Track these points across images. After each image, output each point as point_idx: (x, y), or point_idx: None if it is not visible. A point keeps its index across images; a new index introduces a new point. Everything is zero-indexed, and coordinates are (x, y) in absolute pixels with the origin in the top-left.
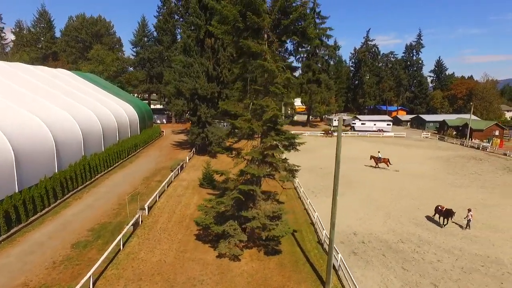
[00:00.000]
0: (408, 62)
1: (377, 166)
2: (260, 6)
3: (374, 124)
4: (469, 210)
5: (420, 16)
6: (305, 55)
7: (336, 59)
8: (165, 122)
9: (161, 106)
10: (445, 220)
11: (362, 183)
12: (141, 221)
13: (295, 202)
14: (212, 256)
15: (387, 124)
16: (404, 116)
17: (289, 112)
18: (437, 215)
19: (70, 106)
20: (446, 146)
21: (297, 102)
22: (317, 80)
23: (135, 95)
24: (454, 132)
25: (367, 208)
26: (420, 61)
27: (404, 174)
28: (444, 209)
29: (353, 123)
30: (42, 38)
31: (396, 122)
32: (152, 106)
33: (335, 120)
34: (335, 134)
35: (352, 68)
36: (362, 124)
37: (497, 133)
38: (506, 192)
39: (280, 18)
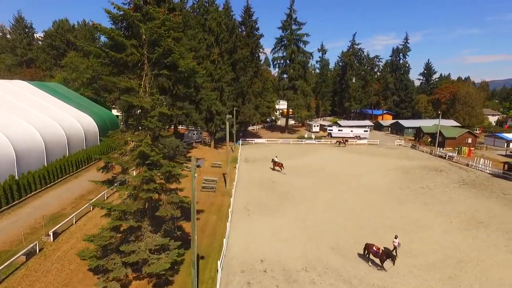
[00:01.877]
0: (396, 66)
1: (274, 168)
2: (124, 42)
3: (351, 131)
4: (396, 237)
5: (419, 17)
6: (282, 61)
7: (322, 63)
8: None
9: None
10: (383, 263)
11: (304, 198)
12: (41, 249)
13: (222, 223)
14: None
15: (364, 131)
16: (385, 121)
17: (273, 117)
18: (369, 254)
19: (6, 123)
20: (415, 155)
21: (285, 105)
22: (293, 86)
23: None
24: (429, 139)
25: (295, 228)
26: (407, 65)
27: (354, 188)
28: (381, 250)
29: (329, 130)
30: (19, 45)
31: (378, 127)
32: None
33: (314, 126)
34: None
35: (340, 71)
36: (339, 130)
37: (470, 141)
38: (444, 210)
39: (152, 52)
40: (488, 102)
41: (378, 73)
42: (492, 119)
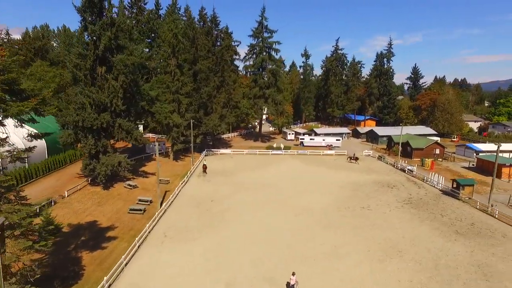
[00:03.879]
0: (380, 71)
1: (204, 171)
2: None
3: (323, 140)
4: (293, 274)
5: (420, 18)
6: (253, 69)
7: (305, 68)
8: None
9: None
10: None
11: (231, 222)
12: None
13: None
14: None
15: (336, 140)
16: (363, 128)
17: (252, 124)
18: None
19: None
20: (376, 168)
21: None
22: (264, 95)
23: None
24: (400, 149)
25: (203, 258)
26: (391, 70)
27: (291, 208)
28: None
29: (301, 139)
30: None
31: (356, 134)
32: None
33: (289, 134)
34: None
35: (323, 77)
36: (311, 139)
37: (437, 151)
38: (370, 235)
39: None
40: (477, 107)
41: (364, 78)
42: (475, 125)
